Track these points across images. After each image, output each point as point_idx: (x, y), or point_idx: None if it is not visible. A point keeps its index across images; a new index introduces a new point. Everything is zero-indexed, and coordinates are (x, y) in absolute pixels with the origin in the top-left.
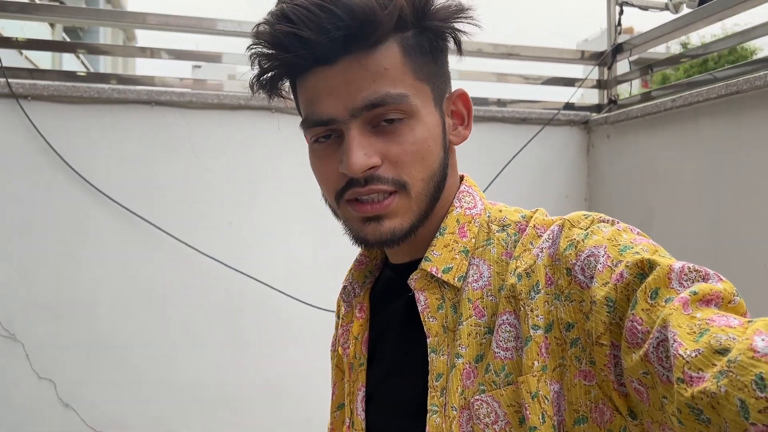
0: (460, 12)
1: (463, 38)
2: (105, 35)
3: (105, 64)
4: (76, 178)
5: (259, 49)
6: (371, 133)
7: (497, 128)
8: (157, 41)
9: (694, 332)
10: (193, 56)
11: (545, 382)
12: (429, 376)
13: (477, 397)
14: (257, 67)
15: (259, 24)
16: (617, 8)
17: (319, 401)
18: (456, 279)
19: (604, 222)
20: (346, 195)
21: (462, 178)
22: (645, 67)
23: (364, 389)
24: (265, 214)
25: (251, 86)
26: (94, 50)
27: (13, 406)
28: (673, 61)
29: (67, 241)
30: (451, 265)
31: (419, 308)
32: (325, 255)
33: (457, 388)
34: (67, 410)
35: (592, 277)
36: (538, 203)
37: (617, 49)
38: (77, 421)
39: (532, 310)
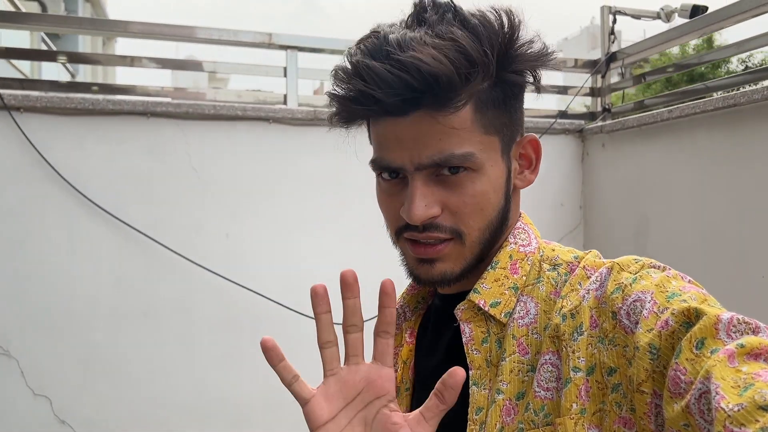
0: (540, 58)
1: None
2: (84, 42)
3: (85, 72)
4: (70, 190)
5: (335, 93)
6: (434, 182)
7: None
8: (137, 48)
9: (739, 386)
10: (178, 64)
11: (583, 425)
12: (469, 409)
13: None
14: (334, 105)
15: (336, 68)
16: (611, 17)
17: None
18: (502, 314)
19: (654, 268)
20: (405, 234)
21: (520, 215)
22: (638, 76)
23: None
24: (263, 226)
25: (329, 120)
26: (81, 59)
27: (7, 424)
28: (665, 70)
29: (62, 254)
30: (499, 300)
31: (464, 340)
32: (325, 266)
33: (495, 424)
34: (63, 427)
35: (637, 323)
36: (533, 211)
37: (611, 58)
38: None
39: (573, 352)
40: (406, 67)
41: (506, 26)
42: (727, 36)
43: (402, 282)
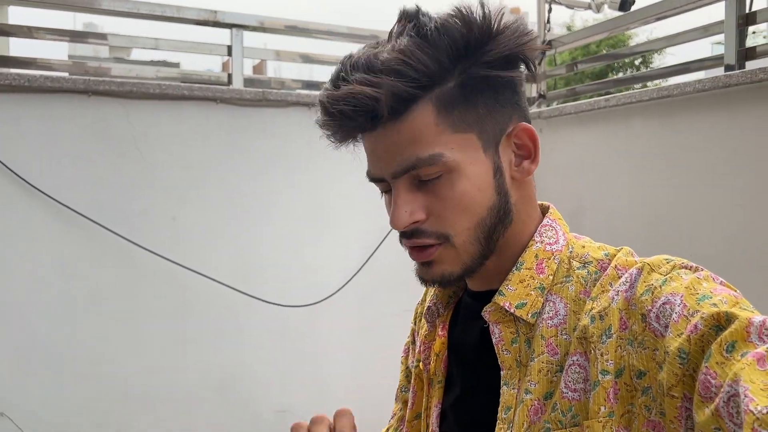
0: (513, 47)
1: (373, 27)
2: None
3: None
4: (6, 172)
5: (323, 126)
6: (417, 187)
7: None
8: (31, 18)
9: None
10: (129, 41)
11: (611, 428)
12: (499, 407)
13: None
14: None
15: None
16: (546, 6)
17: (269, 397)
18: (530, 315)
19: (685, 268)
20: (403, 243)
21: (547, 209)
22: (570, 64)
23: (440, 406)
24: (211, 209)
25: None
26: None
27: None
28: (597, 59)
29: None
30: (525, 301)
31: (494, 340)
32: (275, 249)
33: (523, 423)
34: (1, 420)
35: (666, 326)
36: None
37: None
38: (13, 428)
39: (602, 354)
40: (344, 100)
41: (475, 23)
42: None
43: (364, 274)
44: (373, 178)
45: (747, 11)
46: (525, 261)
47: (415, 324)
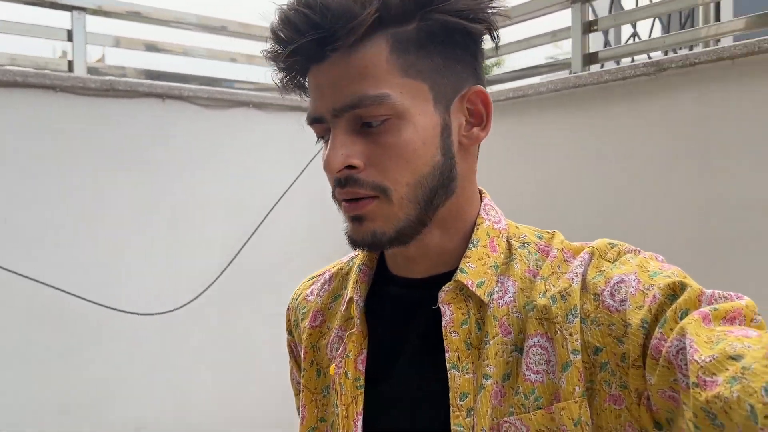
0: (478, 4)
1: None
2: None
3: None
4: None
5: (269, 53)
6: (357, 132)
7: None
8: None
9: (712, 341)
10: None
11: (585, 407)
12: (450, 394)
13: (506, 419)
14: (271, 63)
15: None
16: None
17: (125, 413)
18: (486, 294)
19: (629, 252)
20: (335, 193)
21: (482, 191)
22: None
23: (363, 414)
24: (49, 210)
25: (281, 88)
26: None
27: None
28: None
29: None
30: (483, 280)
31: (443, 322)
32: (126, 253)
33: (486, 410)
34: None
35: (623, 300)
36: None
37: None
38: None
39: (570, 334)
40: (308, 6)
41: None
42: None
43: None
44: (313, 118)
45: (590, 18)
46: (480, 238)
47: (291, 334)
